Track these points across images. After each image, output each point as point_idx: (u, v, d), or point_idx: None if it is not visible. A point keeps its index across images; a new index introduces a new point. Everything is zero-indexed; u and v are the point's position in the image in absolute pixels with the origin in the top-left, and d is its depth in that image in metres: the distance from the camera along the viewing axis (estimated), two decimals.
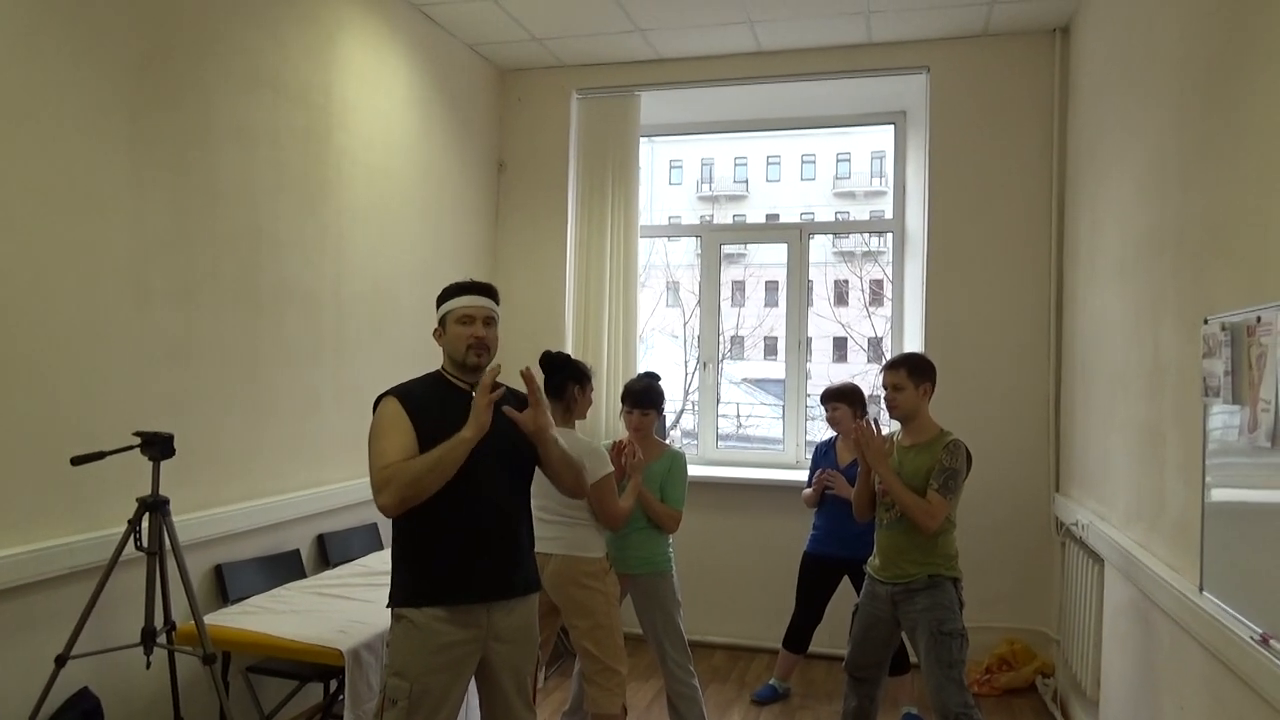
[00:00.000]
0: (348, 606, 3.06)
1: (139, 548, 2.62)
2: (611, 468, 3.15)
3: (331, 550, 3.76)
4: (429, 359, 2.58)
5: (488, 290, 2.48)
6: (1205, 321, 2.38)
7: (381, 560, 3.60)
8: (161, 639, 2.70)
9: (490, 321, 2.45)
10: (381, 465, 2.23)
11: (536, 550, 3.18)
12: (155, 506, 2.63)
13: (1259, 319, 2.04)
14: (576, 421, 3.33)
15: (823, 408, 4.06)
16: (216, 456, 3.23)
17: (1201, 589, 2.38)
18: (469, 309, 2.42)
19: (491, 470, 2.38)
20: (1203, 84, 2.53)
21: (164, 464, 2.68)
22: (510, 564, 2.41)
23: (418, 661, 2.28)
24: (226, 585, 3.20)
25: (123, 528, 2.65)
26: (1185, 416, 2.59)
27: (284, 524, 3.52)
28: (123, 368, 2.85)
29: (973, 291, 4.63)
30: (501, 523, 2.40)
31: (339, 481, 3.82)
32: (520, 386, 2.49)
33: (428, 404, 2.32)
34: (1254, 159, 2.18)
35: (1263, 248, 2.11)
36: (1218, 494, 2.32)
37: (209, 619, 2.81)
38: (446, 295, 2.46)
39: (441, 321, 2.46)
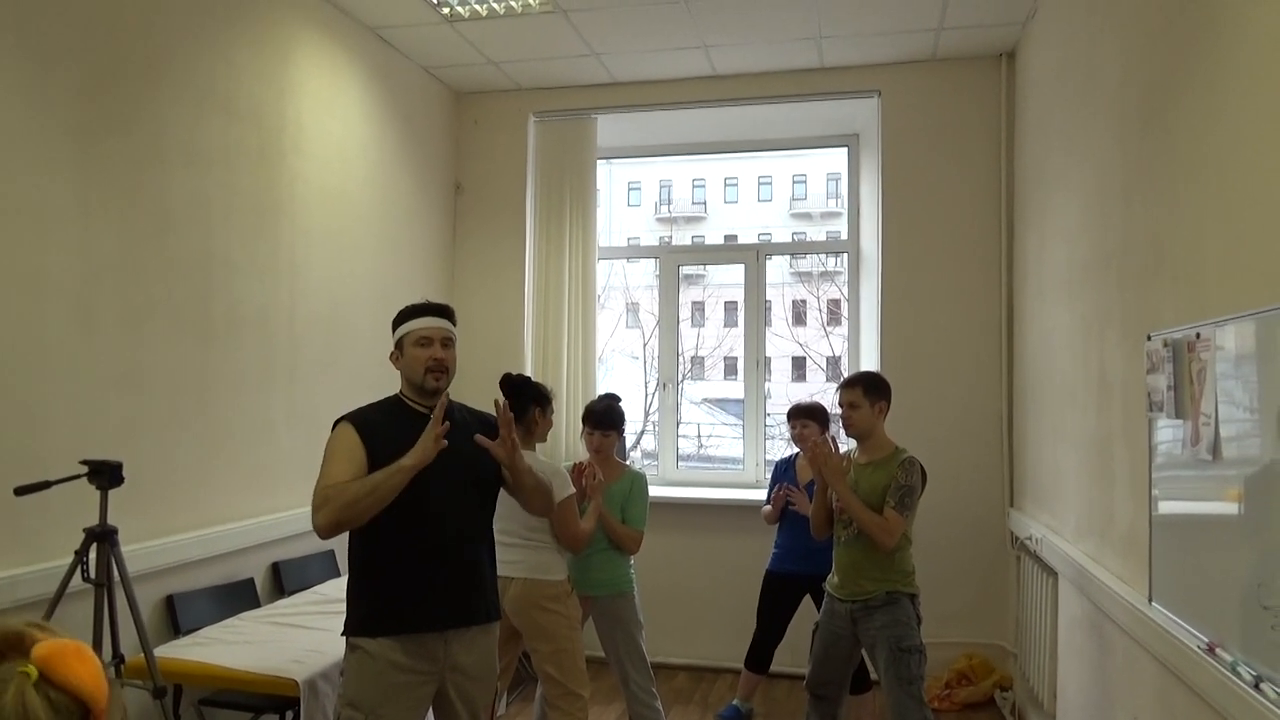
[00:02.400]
0: (303, 636, 3.01)
1: (86, 579, 2.55)
2: (573, 489, 3.14)
3: (287, 578, 3.70)
4: (386, 383, 2.56)
5: (445, 311, 2.48)
6: (1149, 338, 2.45)
7: (338, 588, 3.55)
8: (110, 673, 2.62)
9: (448, 343, 2.44)
10: (323, 486, 2.23)
11: (499, 574, 3.17)
12: (103, 536, 2.57)
13: (1198, 335, 2.10)
14: (537, 444, 3.32)
15: (788, 424, 4.08)
16: (167, 484, 3.16)
17: (1151, 600, 2.43)
18: (426, 331, 2.41)
19: (453, 495, 2.36)
20: (1142, 107, 2.61)
21: (113, 493, 2.62)
22: (470, 592, 2.39)
23: (372, 692, 2.25)
24: (178, 616, 3.13)
25: (69, 559, 2.58)
26: (1132, 431, 2.65)
27: (237, 552, 3.46)
28: (70, 395, 2.78)
29: (926, 310, 4.71)
30: (462, 549, 2.39)
31: (294, 508, 3.76)
32: (486, 407, 2.49)
33: (384, 430, 2.30)
34: (1190, 180, 2.25)
35: (1200, 266, 2.18)
36: (1165, 506, 2.37)
37: (160, 651, 2.75)
38: (403, 317, 2.45)
39: (398, 344, 2.44)
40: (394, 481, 2.20)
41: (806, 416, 4.01)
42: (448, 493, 2.36)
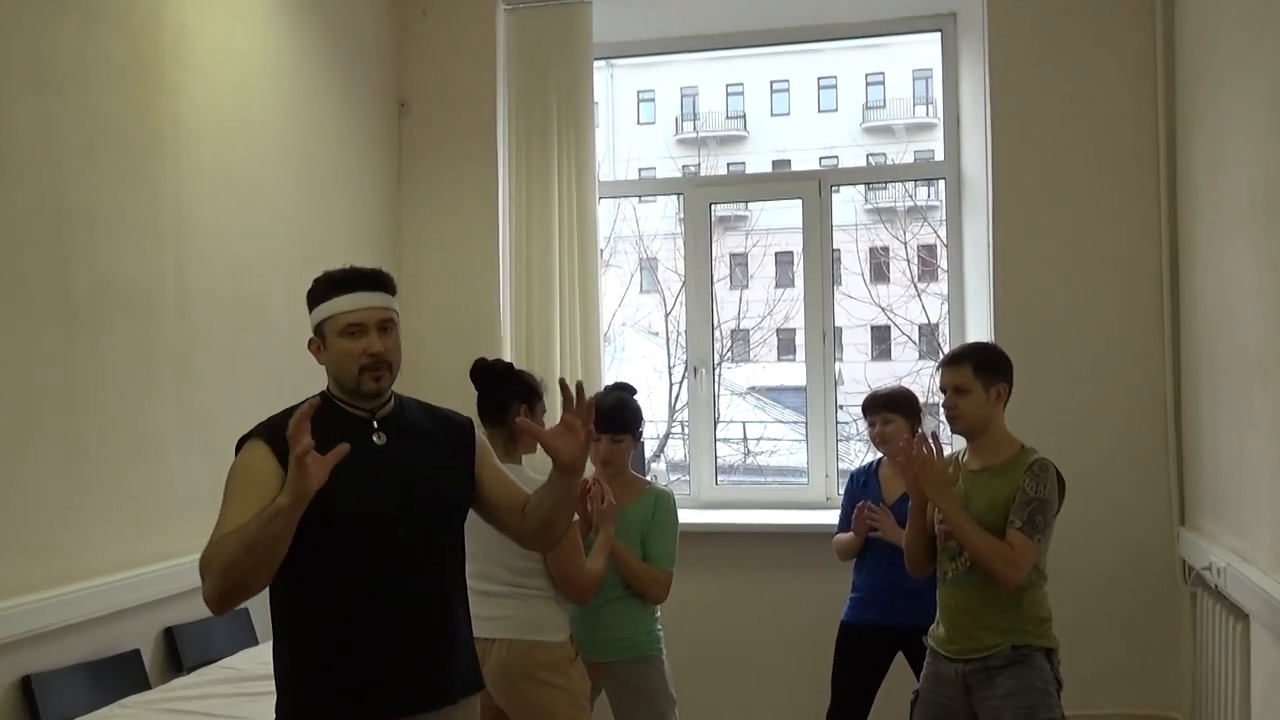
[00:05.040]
0: None
1: None
2: (575, 517, 3.15)
3: (185, 649, 3.72)
4: (312, 377, 2.56)
5: (379, 281, 2.45)
6: None
7: (257, 660, 3.56)
8: None
9: (388, 326, 2.42)
10: (214, 538, 2.21)
11: (475, 635, 3.19)
12: None
13: None
14: (523, 455, 3.33)
15: (865, 420, 4.07)
16: (15, 524, 3.17)
17: None
18: (356, 315, 2.38)
19: (409, 532, 2.36)
20: None
21: None
22: (443, 661, 2.40)
23: None
24: (38, 704, 3.15)
25: None
26: None
27: (116, 615, 3.47)
28: None
29: (1056, 257, 4.68)
30: (428, 605, 2.39)
31: (190, 553, 3.73)
32: (447, 404, 2.49)
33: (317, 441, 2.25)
34: None
35: None
36: None
37: None
38: (320, 294, 2.43)
39: (319, 331, 2.42)
40: (272, 530, 2.13)
41: (890, 409, 4.00)
42: (401, 529, 2.35)
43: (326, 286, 2.42)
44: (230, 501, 2.26)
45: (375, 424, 2.44)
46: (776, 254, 12.25)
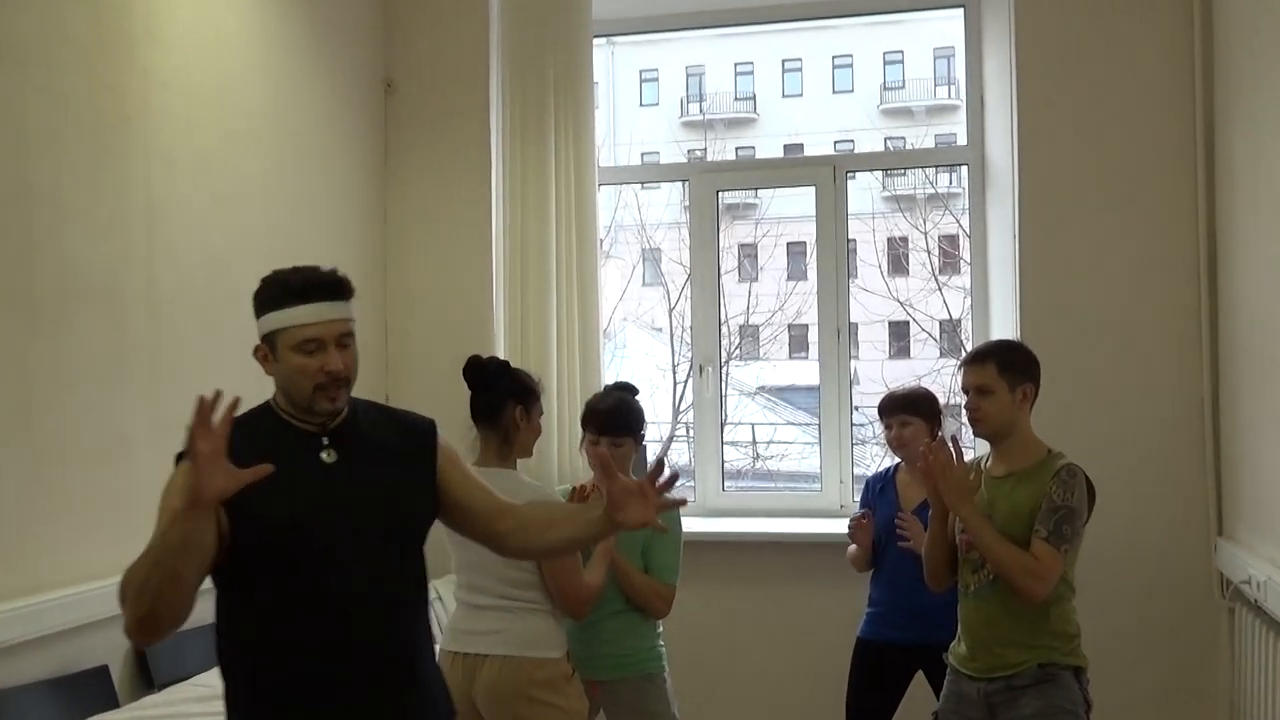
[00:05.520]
0: None
1: None
2: None
3: (156, 665, 3.72)
4: None
5: (339, 289, 2.34)
6: None
7: None
8: None
9: (348, 340, 2.33)
10: (130, 565, 2.13)
11: (466, 651, 3.19)
12: None
13: None
14: (518, 459, 3.32)
15: (882, 423, 4.07)
16: None
17: None
18: (314, 329, 2.28)
19: (360, 553, 2.30)
20: None
21: None
22: (401, 694, 2.36)
23: None
24: None
25: None
26: None
27: (83, 629, 3.47)
28: None
29: (1086, 248, 4.67)
30: (382, 634, 2.33)
31: None
32: (439, 404, 2.48)
33: (253, 460, 2.12)
34: None
35: None
36: None
37: None
38: (271, 300, 2.32)
39: (268, 341, 2.33)
40: (169, 540, 2.06)
41: (908, 410, 3.99)
42: (353, 550, 2.29)
43: (281, 294, 2.30)
44: (159, 525, 2.19)
45: (325, 439, 2.36)
46: (788, 245, 12.26)
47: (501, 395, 3.25)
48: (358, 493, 2.31)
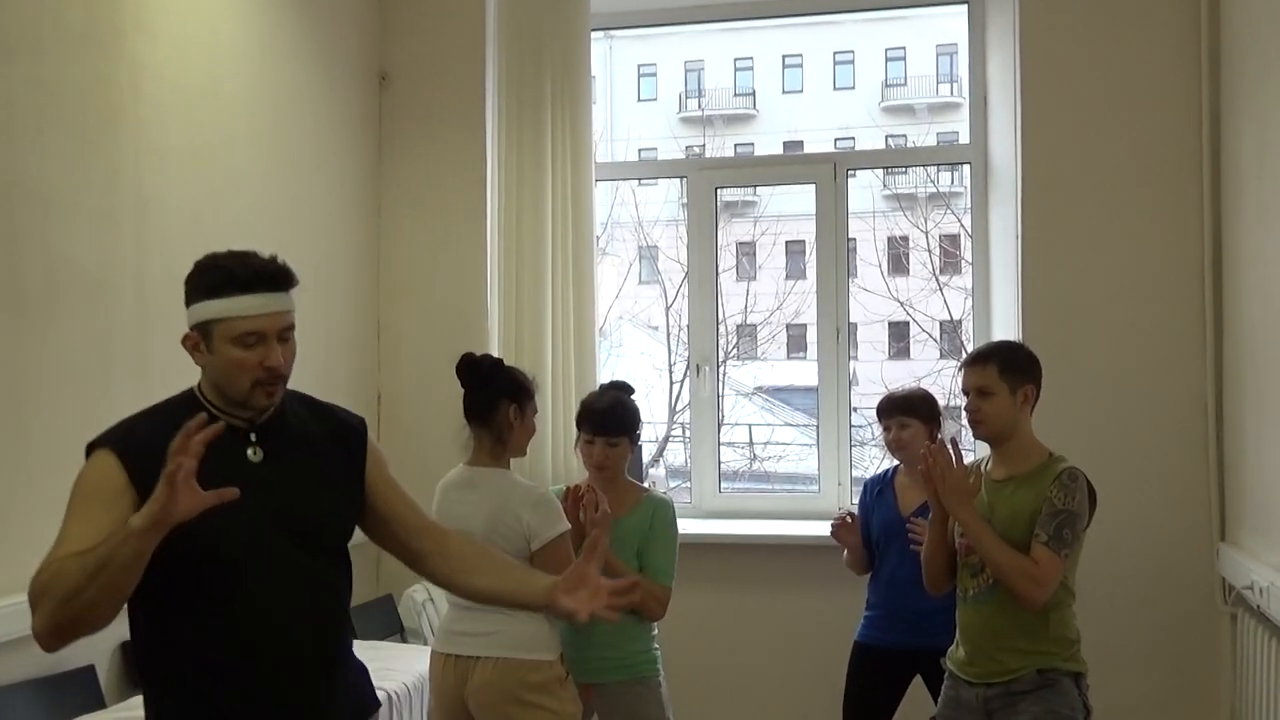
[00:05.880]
0: None
1: None
2: (566, 526, 3.15)
3: None
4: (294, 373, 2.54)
5: (285, 279, 2.27)
6: None
7: None
8: None
9: (288, 333, 2.26)
10: (48, 561, 2.06)
11: (458, 653, 3.19)
12: None
13: None
14: (512, 459, 3.32)
15: (880, 423, 4.07)
16: None
17: None
18: (256, 321, 2.20)
19: (279, 570, 2.25)
20: None
21: None
22: (321, 704, 2.32)
23: None
24: None
25: None
26: None
27: None
28: None
29: (1089, 248, 4.68)
30: (301, 649, 2.27)
31: None
32: (436, 407, 2.47)
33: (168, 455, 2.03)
34: None
35: None
36: None
37: None
38: (209, 288, 2.22)
39: (202, 330, 2.23)
40: (123, 557, 1.95)
41: (907, 412, 3.99)
42: (275, 564, 2.23)
43: (222, 281, 2.21)
44: (71, 519, 2.12)
45: (253, 436, 2.28)
46: (787, 243, 12.23)
47: (495, 394, 3.25)
48: (284, 496, 2.23)
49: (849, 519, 4.05)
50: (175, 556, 2.07)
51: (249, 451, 2.27)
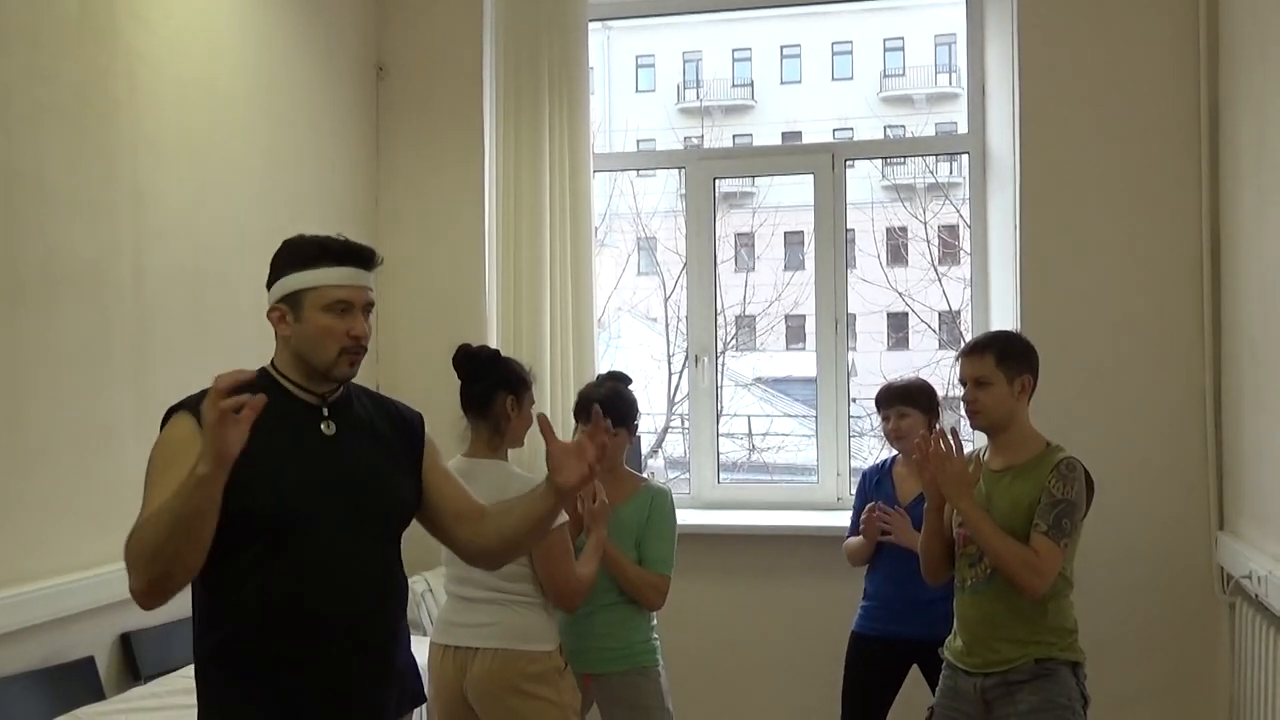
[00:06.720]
0: None
1: None
2: (564, 517, 3.15)
3: (143, 656, 3.73)
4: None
5: (370, 258, 2.37)
6: None
7: None
8: None
9: (369, 310, 2.36)
10: (134, 527, 2.13)
11: (457, 644, 3.19)
12: None
13: None
14: (509, 449, 3.32)
15: (879, 415, 4.08)
16: None
17: None
18: (346, 292, 2.30)
19: (344, 538, 2.29)
20: None
21: None
22: (378, 691, 2.36)
23: None
24: None
25: None
26: None
27: (67, 620, 3.48)
28: None
29: (1088, 240, 4.67)
30: (364, 630, 2.32)
31: None
32: (425, 394, 2.47)
33: (254, 429, 2.08)
34: None
35: None
36: None
37: None
38: (302, 259, 2.32)
39: (291, 301, 2.32)
40: (193, 503, 2.02)
41: (906, 402, 4.00)
42: (347, 536, 2.28)
43: (316, 253, 2.31)
44: (155, 482, 2.18)
45: (325, 411, 2.36)
46: (785, 234, 12.23)
47: (492, 385, 3.25)
48: (356, 469, 2.30)
49: (876, 512, 3.99)
50: (245, 522, 2.16)
51: (323, 426, 2.34)
